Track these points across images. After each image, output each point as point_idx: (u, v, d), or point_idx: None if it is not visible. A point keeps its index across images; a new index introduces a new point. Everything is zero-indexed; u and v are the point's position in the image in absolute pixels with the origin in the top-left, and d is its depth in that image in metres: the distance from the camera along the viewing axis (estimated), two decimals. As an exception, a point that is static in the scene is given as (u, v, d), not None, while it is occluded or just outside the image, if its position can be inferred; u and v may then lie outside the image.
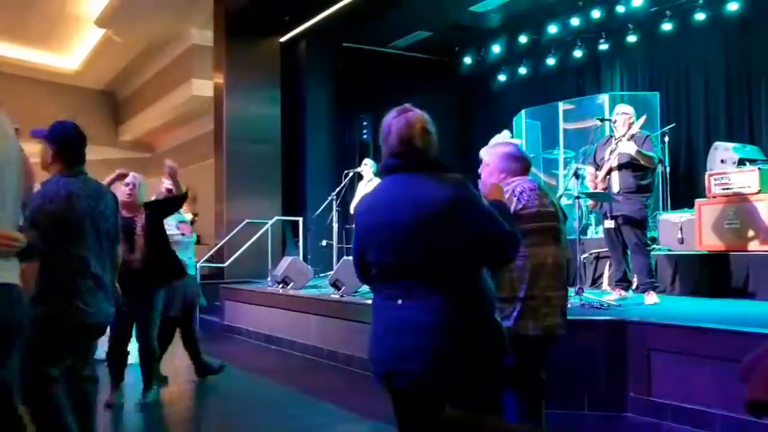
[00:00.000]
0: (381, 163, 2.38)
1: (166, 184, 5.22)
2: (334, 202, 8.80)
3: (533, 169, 9.97)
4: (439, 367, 2.16)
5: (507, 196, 3.02)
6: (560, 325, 3.13)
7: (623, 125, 5.52)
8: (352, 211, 8.75)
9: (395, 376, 2.22)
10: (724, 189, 6.25)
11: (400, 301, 2.22)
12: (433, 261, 2.21)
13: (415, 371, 2.17)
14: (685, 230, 6.63)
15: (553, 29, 10.06)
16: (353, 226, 8.62)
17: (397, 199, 2.26)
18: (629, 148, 5.35)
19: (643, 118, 5.53)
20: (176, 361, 6.39)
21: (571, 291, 5.93)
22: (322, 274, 9.08)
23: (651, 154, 5.40)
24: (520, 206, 3.05)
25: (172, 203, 4.98)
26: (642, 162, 5.37)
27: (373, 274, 2.35)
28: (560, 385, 4.39)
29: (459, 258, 2.21)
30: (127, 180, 4.75)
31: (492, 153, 3.29)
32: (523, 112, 9.85)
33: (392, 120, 2.34)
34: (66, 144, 3.16)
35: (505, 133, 6.95)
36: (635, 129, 5.41)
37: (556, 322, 3.10)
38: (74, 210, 3.04)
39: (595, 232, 7.71)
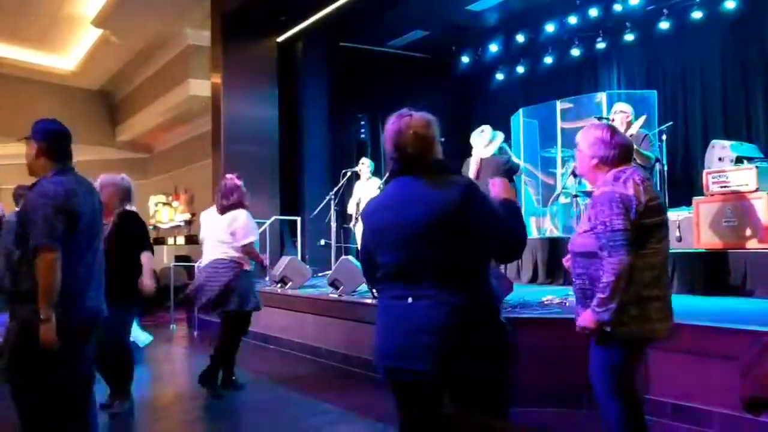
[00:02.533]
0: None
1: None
2: (332, 202, 8.79)
3: (531, 168, 9.92)
4: (447, 366, 2.20)
5: (629, 185, 2.81)
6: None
7: (621, 124, 5.53)
8: (350, 210, 8.76)
9: (400, 372, 2.26)
10: (721, 187, 6.25)
11: (410, 300, 2.24)
12: (443, 259, 2.24)
13: (422, 370, 2.20)
14: (683, 228, 6.63)
15: (550, 28, 10.06)
16: (354, 226, 8.51)
17: (405, 200, 2.29)
18: None
19: (642, 119, 5.53)
20: (173, 363, 6.39)
21: (569, 290, 5.93)
22: (320, 274, 9.07)
23: (648, 153, 5.39)
24: (647, 198, 2.82)
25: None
26: (638, 161, 5.38)
27: (381, 274, 2.36)
28: (559, 385, 4.40)
29: (468, 256, 2.25)
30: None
31: (583, 137, 3.04)
32: (520, 110, 9.85)
33: (389, 125, 2.37)
34: (54, 140, 3.08)
35: (486, 128, 6.93)
36: (634, 129, 5.41)
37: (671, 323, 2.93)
38: (74, 206, 2.97)
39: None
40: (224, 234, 5.26)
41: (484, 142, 6.76)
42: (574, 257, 3.00)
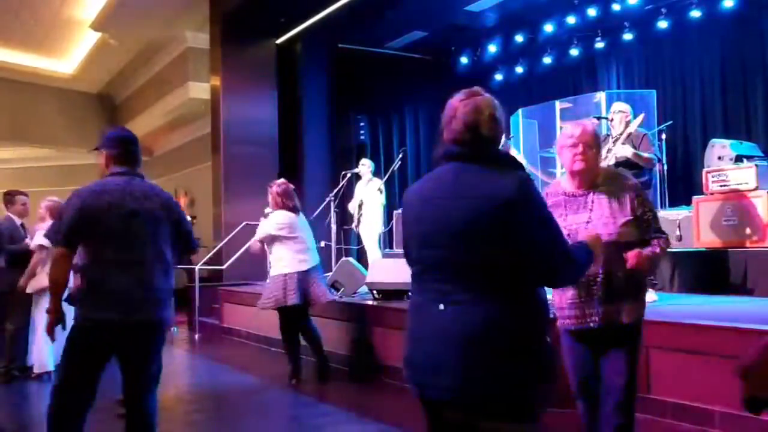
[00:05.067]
0: (440, 148, 2.14)
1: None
2: (332, 204, 8.79)
3: (530, 168, 9.95)
4: (476, 383, 1.94)
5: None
6: None
7: (620, 123, 5.52)
8: (350, 211, 8.75)
9: (429, 387, 2.02)
10: (721, 186, 6.25)
11: (441, 307, 1.98)
12: (484, 264, 1.97)
13: (450, 386, 1.96)
14: (683, 227, 6.63)
15: (549, 28, 10.07)
16: (356, 227, 8.59)
17: (454, 190, 2.03)
18: (626, 152, 5.31)
19: (640, 117, 5.53)
20: (174, 366, 6.38)
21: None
22: (320, 276, 9.05)
23: (650, 155, 5.38)
24: None
25: None
26: (641, 164, 5.36)
27: (415, 270, 2.12)
28: (559, 385, 4.39)
29: (511, 265, 1.97)
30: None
31: (588, 134, 2.83)
32: (519, 111, 9.85)
33: (459, 103, 2.10)
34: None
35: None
36: (632, 128, 5.41)
37: None
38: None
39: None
40: None
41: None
42: (610, 248, 2.77)
